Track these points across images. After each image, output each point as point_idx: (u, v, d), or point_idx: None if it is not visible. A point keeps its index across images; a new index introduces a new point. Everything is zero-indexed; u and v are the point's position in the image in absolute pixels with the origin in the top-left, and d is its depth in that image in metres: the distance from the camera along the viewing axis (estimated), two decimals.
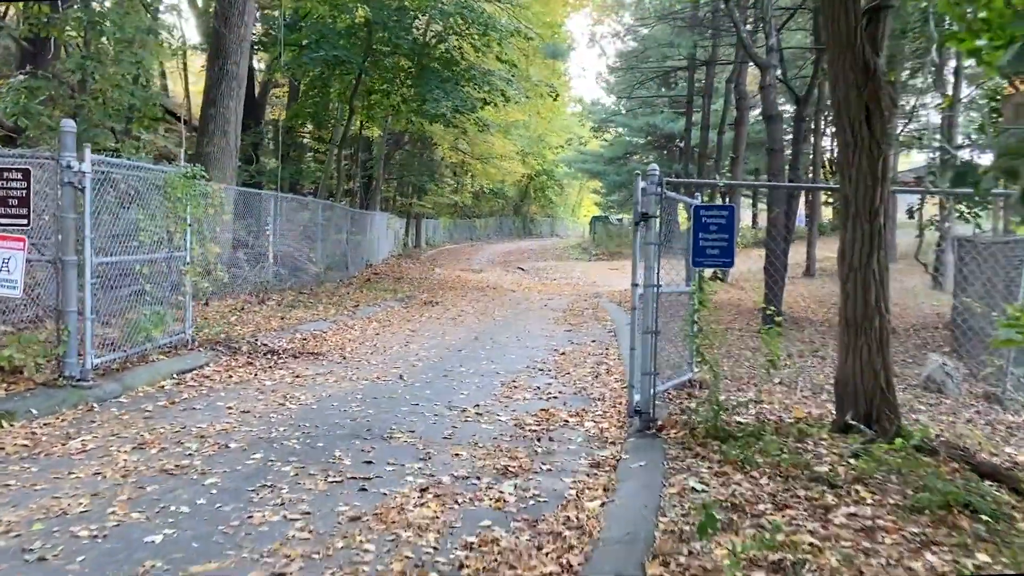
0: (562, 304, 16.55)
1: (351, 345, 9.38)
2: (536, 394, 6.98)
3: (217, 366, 7.43)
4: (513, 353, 9.36)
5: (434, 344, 9.84)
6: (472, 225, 57.96)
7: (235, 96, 14.23)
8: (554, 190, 69.26)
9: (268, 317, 10.67)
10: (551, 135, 58.62)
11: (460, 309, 14.53)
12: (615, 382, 7.63)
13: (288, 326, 10.08)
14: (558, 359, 9.01)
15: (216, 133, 14.01)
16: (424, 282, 20.90)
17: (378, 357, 8.64)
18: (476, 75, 17.50)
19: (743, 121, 21.77)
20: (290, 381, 7.06)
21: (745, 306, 16.01)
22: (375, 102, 20.30)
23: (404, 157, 36.19)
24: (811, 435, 5.22)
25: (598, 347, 10.12)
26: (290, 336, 9.43)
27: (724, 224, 5.77)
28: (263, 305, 11.84)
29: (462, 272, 28.34)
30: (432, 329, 11.36)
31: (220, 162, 14.02)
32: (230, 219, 13.08)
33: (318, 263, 16.31)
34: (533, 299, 17.66)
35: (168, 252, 7.41)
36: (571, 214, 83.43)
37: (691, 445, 5.09)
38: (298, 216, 18.76)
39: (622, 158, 39.30)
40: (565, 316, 14.03)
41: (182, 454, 4.74)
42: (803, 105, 15.18)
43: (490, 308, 14.98)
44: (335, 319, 11.34)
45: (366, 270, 21.42)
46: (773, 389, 7.23)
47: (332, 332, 10.27)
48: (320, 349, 8.86)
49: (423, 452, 5.02)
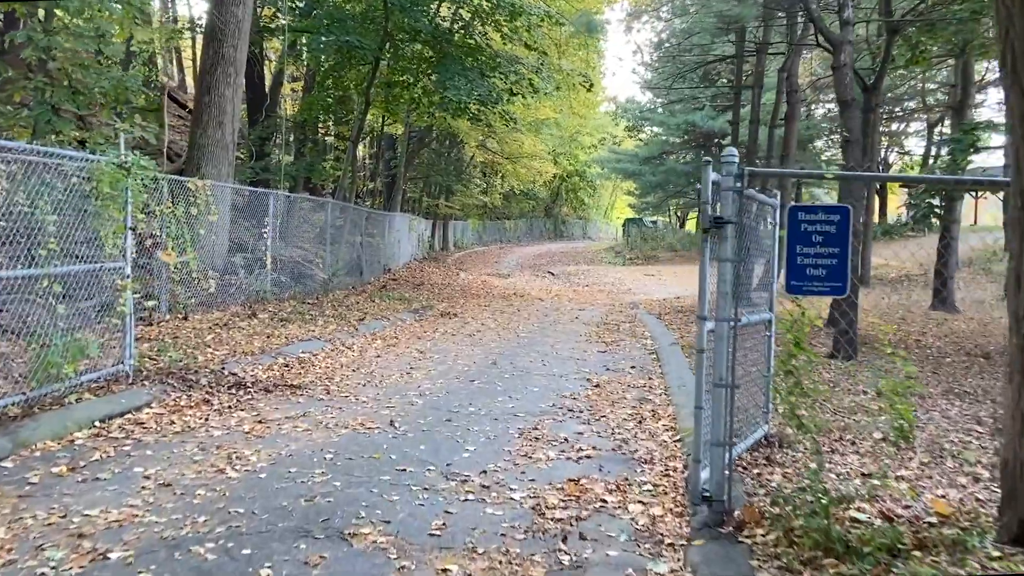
0: (595, 316, 14.87)
1: (342, 373, 7.82)
2: (563, 451, 5.34)
3: (161, 407, 5.91)
4: (537, 384, 7.73)
5: (443, 371, 8.24)
6: (502, 227, 56.51)
7: (232, 84, 12.81)
8: (586, 191, 67.53)
9: (253, 335, 9.17)
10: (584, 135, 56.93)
11: (480, 323, 12.92)
12: (664, 431, 5.96)
13: (272, 347, 8.55)
14: (591, 394, 7.35)
15: (210, 124, 12.61)
16: (445, 289, 19.36)
17: (371, 391, 7.06)
18: (503, 62, 15.88)
19: (794, 116, 19.87)
20: (247, 429, 5.50)
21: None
22: (395, 95, 18.81)
23: (430, 156, 34.76)
24: (971, 549, 3.51)
25: (639, 375, 8.44)
26: (270, 361, 7.90)
27: (835, 233, 4.14)
28: (253, 319, 10.36)
29: (488, 277, 26.77)
30: (444, 350, 9.77)
31: (214, 156, 12.62)
32: (217, 219, 11.65)
33: (326, 268, 14.84)
34: (563, 309, 16.01)
35: (97, 263, 5.88)
36: (603, 216, 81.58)
37: (792, 564, 3.40)
38: (309, 217, 17.33)
39: (658, 157, 37.45)
40: (599, 332, 12.36)
41: (29, 575, 3.20)
42: (872, 94, 13.33)
43: (514, 321, 13.36)
44: (332, 337, 9.80)
45: (383, 276, 19.94)
46: (877, 449, 5.49)
47: (324, 355, 8.72)
48: (302, 379, 7.31)
49: (395, 565, 3.42)
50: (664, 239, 42.48)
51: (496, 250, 46.19)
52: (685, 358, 9.38)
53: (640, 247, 40.16)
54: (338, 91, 19.44)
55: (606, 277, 27.77)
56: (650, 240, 41.91)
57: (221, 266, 12.45)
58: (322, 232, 15.72)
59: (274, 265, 12.92)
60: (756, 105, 16.54)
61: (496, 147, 36.22)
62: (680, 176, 35.45)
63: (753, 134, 16.45)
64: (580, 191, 67.01)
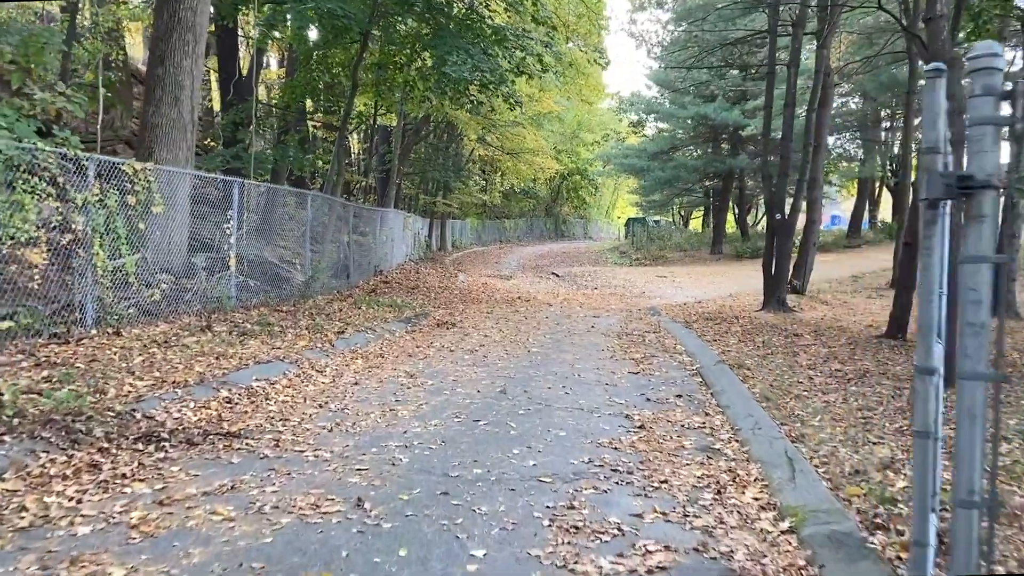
0: (613, 324, 12.98)
1: (303, 411, 5.91)
2: (620, 556, 3.43)
3: (19, 478, 4.00)
4: (562, 424, 5.83)
5: (437, 405, 6.34)
6: (501, 226, 54.74)
7: (191, 53, 10.91)
8: (588, 190, 65.74)
9: (197, 355, 7.24)
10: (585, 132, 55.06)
11: (483, 334, 11.02)
12: (759, 509, 4.07)
13: (218, 373, 6.63)
14: (636, 440, 5.45)
15: (164, 100, 10.71)
16: (442, 293, 17.45)
17: (338, 440, 5.16)
18: (508, 36, 13.95)
19: (827, 101, 18.02)
20: (135, 521, 3.59)
21: (853, 330, 12.32)
22: (387, 78, 16.89)
23: (427, 151, 32.86)
24: None
25: (690, 408, 6.55)
26: (208, 395, 5.97)
27: None
28: (206, 333, 8.45)
29: (489, 279, 24.87)
30: (440, 372, 7.87)
31: (170, 138, 10.72)
32: (173, 213, 9.77)
33: (305, 270, 12.93)
34: (575, 316, 14.12)
35: None
36: (605, 215, 79.77)
37: None
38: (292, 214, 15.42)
39: (667, 152, 35.54)
40: (622, 345, 10.47)
41: None
42: None
43: (523, 332, 11.46)
44: (301, 356, 7.88)
45: (374, 278, 18.04)
46: None
47: (285, 383, 6.81)
48: (246, 422, 5.40)
49: None
50: (671, 238, 40.63)
51: (496, 250, 44.31)
52: (741, 382, 7.49)
53: (647, 247, 38.30)
54: (325, 74, 17.52)
55: (615, 279, 25.86)
56: (657, 240, 40.05)
57: (180, 268, 10.57)
58: (304, 229, 13.81)
59: (241, 267, 11.02)
60: (792, 85, 14.64)
61: (496, 142, 34.36)
62: (691, 172, 33.56)
63: (788, 119, 14.54)
64: (581, 190, 65.20)
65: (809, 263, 18.26)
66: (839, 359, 9.41)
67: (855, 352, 10.06)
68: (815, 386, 7.53)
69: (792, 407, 6.41)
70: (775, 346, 10.38)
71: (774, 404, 6.46)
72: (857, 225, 32.07)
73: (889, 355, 9.82)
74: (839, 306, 16.50)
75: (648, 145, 36.93)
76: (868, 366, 8.85)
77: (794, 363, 9.07)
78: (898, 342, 10.86)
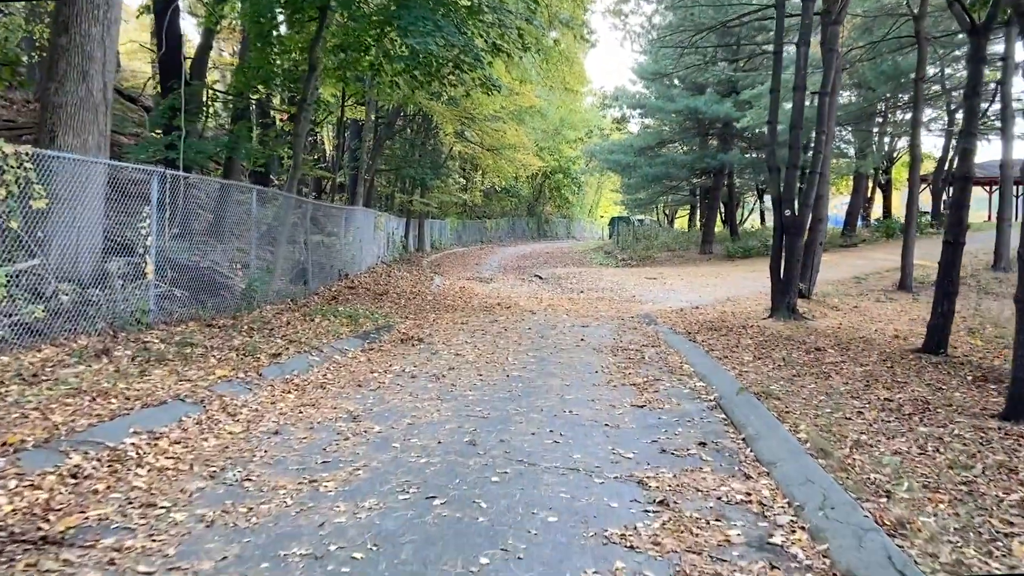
0: (605, 336, 11.33)
1: (182, 486, 4.16)
2: None
3: None
4: (551, 499, 4.14)
5: (380, 470, 4.61)
6: (482, 226, 53.13)
7: (101, 20, 9.11)
8: (570, 189, 64.25)
9: (66, 396, 5.46)
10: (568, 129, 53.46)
11: (454, 352, 9.31)
12: None
13: (80, 425, 4.84)
14: (659, 531, 3.76)
15: (70, 76, 8.90)
16: (413, 300, 15.71)
17: (212, 548, 3.41)
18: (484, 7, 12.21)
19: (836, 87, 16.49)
20: None
21: (879, 342, 10.73)
22: (351, 60, 15.14)
23: (403, 147, 31.05)
24: None
25: (723, 466, 4.87)
26: (45, 465, 4.20)
27: None
28: (100, 359, 6.67)
29: (467, 282, 23.15)
30: (393, 411, 6.15)
31: (76, 120, 8.92)
32: (79, 209, 8.00)
33: (248, 276, 11.16)
34: (562, 326, 12.44)
35: None
36: (588, 215, 78.33)
37: None
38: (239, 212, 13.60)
39: (654, 148, 33.97)
40: (619, 365, 8.80)
41: None
42: (983, 36, 9.86)
43: (501, 348, 9.76)
44: (211, 392, 6.12)
45: (338, 283, 16.26)
46: None
47: (175, 436, 5.04)
48: (82, 516, 3.64)
49: None
50: (658, 238, 39.08)
51: (476, 251, 42.60)
52: (778, 421, 5.85)
53: (633, 247, 36.72)
54: (280, 58, 15.72)
55: (601, 281, 24.21)
56: (643, 239, 38.48)
57: (89, 275, 8.77)
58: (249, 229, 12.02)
59: (163, 274, 9.23)
60: (802, 66, 13.06)
61: (476, 137, 32.62)
62: (680, 168, 31.99)
63: (799, 104, 12.96)
64: (564, 188, 63.67)
65: (815, 265, 16.69)
66: (881, 382, 7.80)
67: (895, 372, 8.45)
68: (872, 425, 5.90)
69: (860, 465, 4.76)
70: (799, 365, 8.78)
71: (835, 460, 4.81)
72: (853, 223, 30.66)
73: (936, 376, 8.23)
74: (851, 312, 14.93)
75: (634, 140, 35.36)
76: (922, 393, 7.23)
77: (829, 388, 7.45)
78: (940, 358, 9.28)
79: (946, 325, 9.55)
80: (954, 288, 9.55)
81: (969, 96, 9.55)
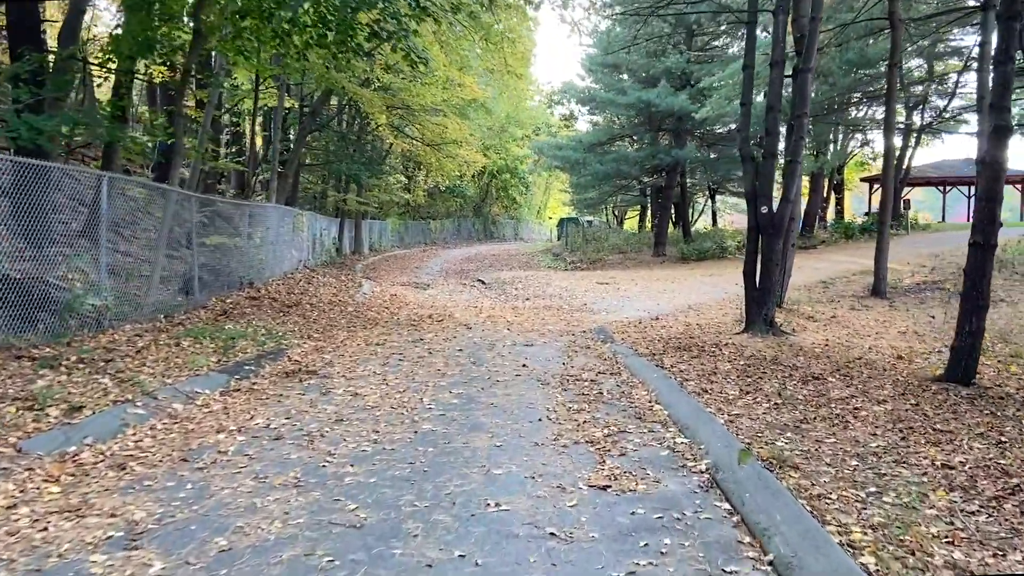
0: (552, 360, 9.17)
1: None
2: None
3: None
4: None
5: None
6: (426, 227, 50.71)
7: None
8: (518, 189, 62.25)
9: None
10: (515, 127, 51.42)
11: (353, 391, 6.99)
12: None
13: None
14: None
15: None
16: (329, 311, 13.30)
17: None
18: None
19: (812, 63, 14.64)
20: None
21: (882, 365, 8.79)
22: (250, 28, 12.65)
23: (334, 141, 28.44)
24: None
25: None
26: None
27: None
28: None
29: (402, 288, 20.77)
30: (210, 516, 3.83)
31: None
32: None
33: (92, 288, 8.63)
34: (501, 347, 10.23)
35: None
36: (536, 216, 76.45)
37: None
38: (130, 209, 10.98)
39: (604, 144, 32.06)
40: (569, 406, 6.63)
41: None
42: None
43: (417, 383, 7.48)
44: None
45: (239, 292, 13.74)
46: None
47: None
48: None
49: None
50: (608, 239, 37.21)
51: (419, 253, 40.16)
52: (819, 522, 3.74)
53: (582, 248, 34.77)
54: (169, 25, 13.13)
55: (549, 287, 22.08)
56: (593, 241, 36.56)
57: None
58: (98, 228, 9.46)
59: None
60: (780, 38, 11.15)
61: (416, 132, 30.20)
62: (632, 164, 30.09)
63: (776, 82, 11.04)
64: (512, 188, 61.63)
65: (787, 269, 14.83)
66: (918, 431, 5.82)
67: (926, 413, 6.49)
68: (951, 522, 3.86)
69: None
70: (800, 402, 6.76)
71: None
72: (812, 224, 29.24)
73: (983, 419, 6.28)
74: (831, 323, 13.06)
75: (584, 136, 33.41)
76: (986, 453, 5.23)
77: (855, 443, 5.44)
78: (971, 390, 7.35)
79: (974, 348, 7.64)
80: (984, 301, 7.65)
81: (1002, 62, 7.65)
